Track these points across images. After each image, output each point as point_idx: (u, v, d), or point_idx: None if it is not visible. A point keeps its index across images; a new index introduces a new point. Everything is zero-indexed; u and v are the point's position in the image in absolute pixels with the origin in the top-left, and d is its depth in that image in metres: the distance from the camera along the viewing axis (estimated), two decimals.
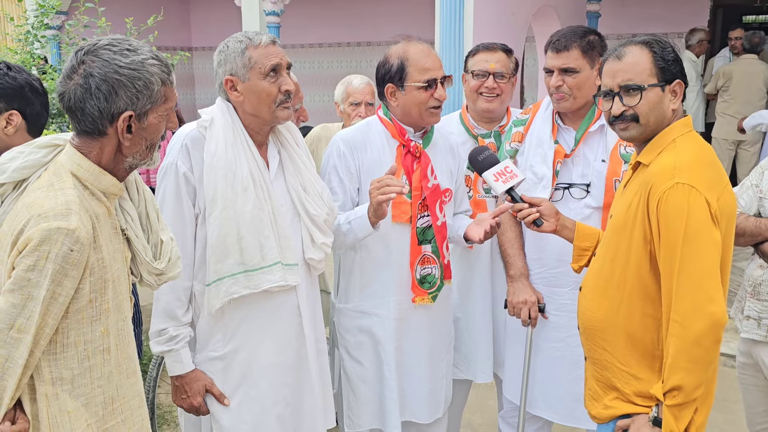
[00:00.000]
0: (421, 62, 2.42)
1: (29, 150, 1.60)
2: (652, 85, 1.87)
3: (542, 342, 2.70)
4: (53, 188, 1.52)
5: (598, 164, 2.55)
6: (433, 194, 2.49)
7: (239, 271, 2.12)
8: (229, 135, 2.14)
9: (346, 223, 2.41)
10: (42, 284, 1.45)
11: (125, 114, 1.55)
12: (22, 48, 7.19)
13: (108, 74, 1.53)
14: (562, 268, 2.56)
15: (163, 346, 2.15)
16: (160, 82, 1.58)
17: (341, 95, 3.56)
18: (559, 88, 2.53)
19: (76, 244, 1.47)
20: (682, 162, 1.79)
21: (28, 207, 1.50)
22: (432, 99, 2.42)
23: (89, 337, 1.57)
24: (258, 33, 2.15)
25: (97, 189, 1.59)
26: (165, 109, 1.62)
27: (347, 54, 10.74)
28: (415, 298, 2.52)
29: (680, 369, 1.75)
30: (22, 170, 1.58)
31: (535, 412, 2.77)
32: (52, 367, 1.54)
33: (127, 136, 1.58)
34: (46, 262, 1.45)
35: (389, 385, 2.53)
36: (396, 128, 2.50)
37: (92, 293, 1.55)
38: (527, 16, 6.15)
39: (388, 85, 2.47)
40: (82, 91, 1.53)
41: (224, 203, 2.10)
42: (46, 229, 1.45)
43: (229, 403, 2.20)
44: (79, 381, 1.57)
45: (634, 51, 1.90)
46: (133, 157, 1.62)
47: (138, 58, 1.55)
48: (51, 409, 1.54)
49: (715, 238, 1.76)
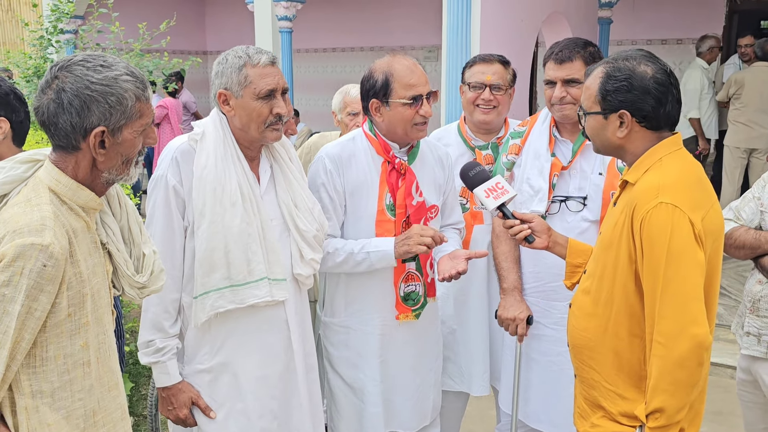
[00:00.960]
0: (406, 78, 2.37)
1: (9, 165, 1.62)
2: (593, 113, 1.90)
3: (540, 356, 2.69)
4: (30, 204, 1.54)
5: (595, 177, 2.53)
6: (418, 212, 2.46)
7: (225, 286, 2.13)
8: (219, 148, 2.15)
9: (361, 252, 2.39)
10: (17, 299, 1.47)
11: (97, 129, 1.55)
12: (36, 53, 7.29)
13: (80, 89, 1.54)
14: (559, 282, 2.53)
15: (151, 357, 2.17)
16: (134, 98, 1.58)
17: (338, 105, 3.56)
18: (563, 99, 2.52)
19: (50, 260, 1.48)
20: (667, 181, 1.77)
21: (5, 223, 1.51)
22: (417, 116, 2.38)
23: (69, 350, 1.58)
24: (259, 51, 2.15)
25: (75, 204, 1.60)
26: (140, 124, 1.62)
27: (359, 58, 10.77)
28: (399, 316, 2.50)
29: (662, 391, 1.73)
30: (3, 185, 1.60)
31: (534, 425, 2.75)
32: (31, 381, 1.55)
33: (101, 151, 1.58)
34: (20, 278, 1.46)
35: (372, 400, 2.53)
36: (381, 144, 2.46)
37: (70, 307, 1.56)
38: (537, 22, 6.12)
39: (373, 101, 2.42)
40: (55, 106, 1.55)
41: (212, 217, 2.11)
42: (20, 245, 1.46)
43: (215, 416, 2.21)
44: (59, 394, 1.58)
45: (593, 74, 1.93)
46: (108, 172, 1.62)
47: (111, 74, 1.56)
48: (31, 422, 1.55)
49: (698, 259, 1.74)
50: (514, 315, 2.62)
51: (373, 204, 2.44)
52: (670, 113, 1.85)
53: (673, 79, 1.86)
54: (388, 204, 2.45)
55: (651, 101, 1.83)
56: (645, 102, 1.83)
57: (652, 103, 1.83)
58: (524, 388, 2.75)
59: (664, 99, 1.83)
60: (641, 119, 1.85)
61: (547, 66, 2.57)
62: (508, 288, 2.68)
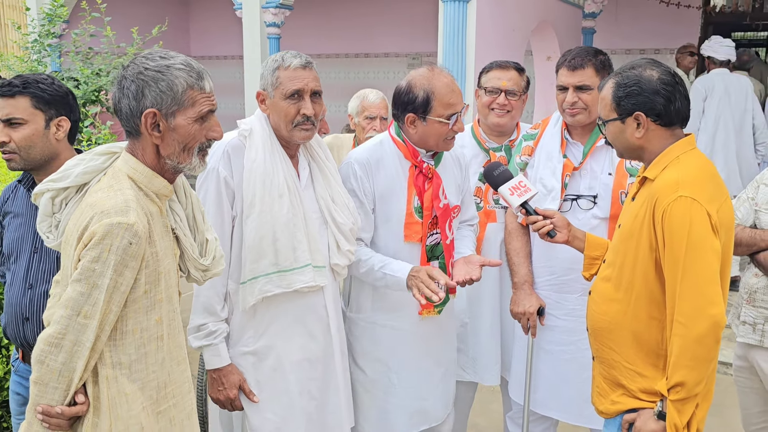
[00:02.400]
0: (447, 97, 2.45)
1: (89, 157, 1.77)
2: (611, 120, 2.08)
3: (552, 345, 2.83)
4: (112, 189, 1.68)
5: (604, 177, 2.69)
6: (444, 214, 2.57)
7: (273, 271, 2.27)
8: (267, 144, 2.30)
9: (380, 271, 2.48)
10: (105, 274, 1.61)
11: (147, 111, 1.69)
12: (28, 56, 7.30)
13: (136, 75, 1.69)
14: (571, 275, 2.71)
15: (203, 340, 2.29)
16: (185, 85, 1.71)
17: (356, 108, 3.68)
18: (574, 105, 2.67)
19: (134, 238, 1.62)
20: (685, 177, 1.95)
21: (92, 206, 1.65)
22: (451, 131, 2.49)
23: (145, 325, 1.72)
24: (295, 55, 2.29)
25: (150, 190, 1.74)
26: (194, 112, 1.73)
27: (344, 65, 10.90)
28: (422, 311, 2.61)
29: (683, 366, 1.91)
30: (84, 175, 1.74)
31: (544, 412, 2.89)
32: (112, 352, 1.69)
33: (155, 134, 1.71)
34: (108, 254, 1.60)
35: (398, 393, 2.63)
36: (409, 150, 2.56)
37: (147, 284, 1.70)
38: (527, 31, 6.33)
39: (410, 115, 2.49)
40: (120, 93, 1.71)
41: (262, 207, 2.25)
42: (108, 224, 1.60)
43: (258, 401, 2.34)
44: (135, 366, 1.71)
45: (605, 86, 2.11)
46: (170, 159, 1.74)
47: (166, 63, 1.70)
48: (111, 391, 1.68)
49: (715, 247, 1.92)
50: (524, 309, 2.77)
51: (402, 206, 2.55)
52: (680, 109, 2.04)
53: (677, 78, 2.05)
54: (416, 207, 2.55)
55: (661, 100, 2.02)
56: (655, 101, 2.02)
57: (662, 101, 2.02)
58: (534, 376, 2.88)
59: (673, 97, 2.02)
60: (655, 117, 2.03)
61: (560, 72, 2.73)
62: (519, 282, 2.83)
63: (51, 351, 1.63)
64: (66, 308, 1.62)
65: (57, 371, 1.63)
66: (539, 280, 2.85)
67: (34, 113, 2.25)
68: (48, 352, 1.63)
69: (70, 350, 1.62)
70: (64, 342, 1.62)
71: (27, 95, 2.24)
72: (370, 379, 2.65)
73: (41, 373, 1.64)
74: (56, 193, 1.74)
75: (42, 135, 2.26)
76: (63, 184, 1.74)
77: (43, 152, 2.27)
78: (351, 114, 3.73)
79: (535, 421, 2.97)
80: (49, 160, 2.29)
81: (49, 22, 7.21)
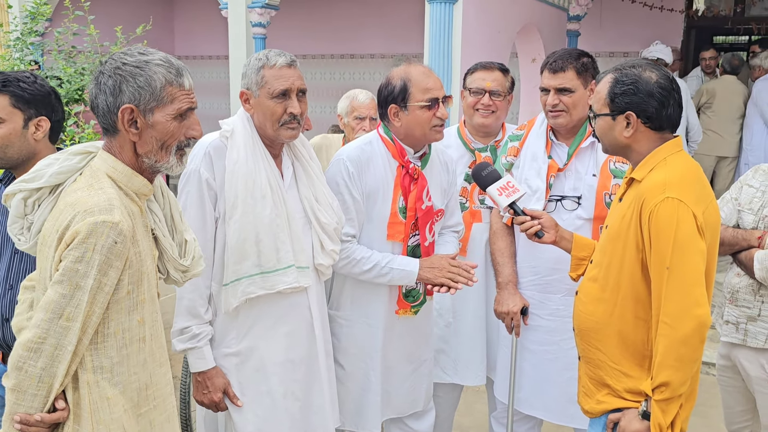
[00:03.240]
0: (423, 83, 2.50)
1: (64, 157, 1.72)
2: (603, 114, 2.08)
3: (536, 345, 2.85)
4: (92, 188, 1.64)
5: (589, 178, 2.71)
6: (426, 216, 2.59)
7: (256, 273, 2.25)
8: (249, 145, 2.28)
9: (386, 266, 2.51)
10: (89, 274, 1.56)
11: (124, 106, 1.65)
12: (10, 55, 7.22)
13: (114, 71, 1.65)
14: (555, 275, 2.73)
15: (186, 343, 2.26)
16: (163, 81, 1.67)
17: (345, 109, 3.68)
18: (555, 106, 2.69)
19: (119, 236, 1.59)
20: (672, 178, 1.96)
21: (72, 205, 1.61)
22: (435, 118, 2.51)
23: (127, 326, 1.68)
24: (279, 54, 2.27)
25: (130, 189, 1.70)
26: (173, 109, 1.69)
27: (330, 65, 10.88)
28: (398, 311, 2.63)
29: (668, 366, 1.92)
30: (59, 175, 1.69)
31: (529, 411, 2.91)
32: (93, 357, 1.65)
33: (132, 130, 1.67)
34: (93, 254, 1.56)
35: (373, 388, 2.66)
36: (396, 149, 2.58)
37: (130, 285, 1.66)
38: (512, 33, 6.35)
39: (392, 106, 2.54)
40: (95, 87, 1.67)
41: (244, 208, 2.23)
42: (92, 222, 1.56)
43: (241, 404, 2.32)
44: (117, 369, 1.67)
45: (603, 80, 2.11)
46: (147, 157, 1.71)
47: (144, 58, 1.67)
48: (92, 396, 1.64)
49: (701, 248, 1.93)
50: (508, 308, 2.79)
51: (387, 206, 2.56)
52: (671, 115, 2.05)
53: (675, 85, 2.05)
54: (401, 207, 2.56)
55: (654, 104, 2.02)
56: (649, 104, 2.02)
57: (656, 105, 2.02)
58: (518, 376, 2.90)
59: (667, 102, 2.03)
60: (646, 120, 2.04)
61: (543, 74, 2.75)
62: (503, 282, 2.85)
63: (30, 356, 1.58)
64: (46, 311, 1.57)
65: (36, 377, 1.58)
66: (523, 280, 2.86)
67: (13, 112, 2.21)
68: (27, 358, 1.58)
69: (51, 355, 1.58)
70: (44, 347, 1.57)
71: (6, 94, 2.20)
72: (348, 373, 2.68)
73: (19, 380, 1.59)
74: (29, 193, 1.68)
75: (20, 135, 2.22)
76: (36, 184, 1.67)
77: (20, 152, 2.23)
78: (340, 114, 3.73)
79: (520, 420, 2.98)
80: (27, 159, 2.24)
81: (32, 20, 7.13)
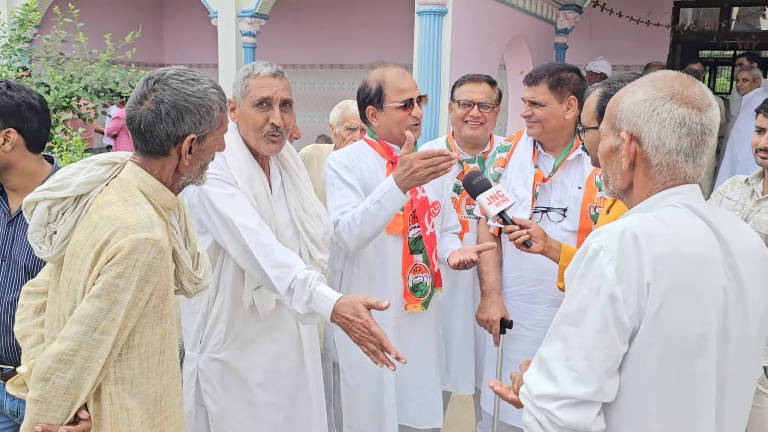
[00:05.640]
0: (398, 84, 2.59)
1: (90, 167, 1.71)
2: (592, 128, 2.11)
3: (519, 355, 2.84)
4: (128, 203, 1.65)
5: (574, 191, 2.73)
6: (422, 206, 2.64)
7: None
8: (244, 154, 2.28)
9: (373, 204, 2.44)
10: (128, 289, 1.58)
11: (190, 136, 1.70)
12: None
13: (177, 101, 1.68)
14: (540, 286, 2.74)
15: (304, 297, 2.10)
16: (218, 109, 1.75)
17: (337, 119, 3.69)
18: (528, 117, 2.75)
19: (159, 253, 1.61)
20: None
21: (110, 220, 1.62)
22: (410, 117, 2.59)
23: (150, 339, 1.69)
24: (266, 64, 2.27)
25: (158, 203, 1.72)
26: (220, 132, 1.79)
27: (319, 75, 10.93)
28: (407, 306, 2.64)
29: None
30: (85, 185, 1.69)
31: (511, 422, 2.90)
32: (116, 368, 1.66)
33: (188, 156, 1.73)
34: (133, 270, 1.58)
35: (388, 391, 2.65)
36: (383, 147, 2.66)
37: (156, 299, 1.67)
38: (501, 45, 6.42)
39: (369, 107, 2.64)
40: (153, 116, 1.68)
41: None
42: (135, 239, 1.58)
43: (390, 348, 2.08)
44: (137, 380, 1.69)
45: (592, 94, 2.15)
46: (188, 176, 1.77)
47: (201, 87, 1.72)
48: (113, 407, 1.66)
49: None
50: (488, 316, 2.79)
51: None
52: None
53: None
54: None
55: None
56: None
57: None
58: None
59: None
60: None
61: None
62: (487, 290, 2.86)
63: (59, 368, 1.59)
64: (81, 324, 1.58)
65: (64, 388, 1.59)
66: (508, 290, 2.88)
67: None
68: (56, 369, 1.59)
69: (81, 367, 1.60)
70: (75, 359, 1.59)
71: None
72: (366, 376, 2.66)
73: (45, 391, 1.60)
74: (54, 202, 1.68)
75: None
76: (62, 193, 1.68)
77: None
78: (332, 124, 3.74)
79: (505, 431, 2.98)
80: (1, 170, 2.22)
81: (21, 26, 7.11)
